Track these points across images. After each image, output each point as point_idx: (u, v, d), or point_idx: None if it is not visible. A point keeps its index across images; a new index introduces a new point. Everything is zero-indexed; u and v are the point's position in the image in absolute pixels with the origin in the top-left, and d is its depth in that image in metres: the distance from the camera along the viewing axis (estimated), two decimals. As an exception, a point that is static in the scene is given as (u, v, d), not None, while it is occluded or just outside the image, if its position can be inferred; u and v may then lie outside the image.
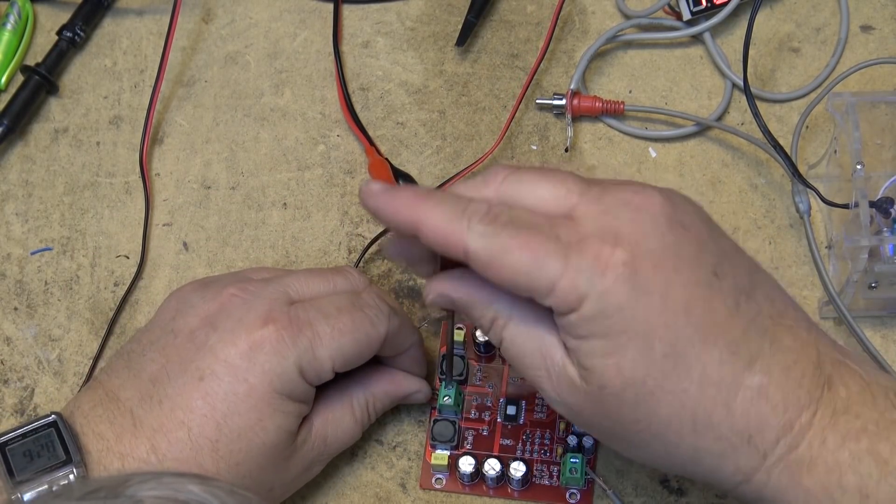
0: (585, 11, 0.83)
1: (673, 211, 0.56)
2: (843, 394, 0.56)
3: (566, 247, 0.54)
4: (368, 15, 0.83)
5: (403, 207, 0.56)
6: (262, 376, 0.61)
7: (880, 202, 0.69)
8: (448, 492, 0.68)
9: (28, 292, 0.75)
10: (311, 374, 0.62)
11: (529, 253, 0.54)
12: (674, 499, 0.68)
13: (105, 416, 0.61)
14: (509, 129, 0.79)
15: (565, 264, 0.54)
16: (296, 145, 0.79)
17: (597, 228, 0.55)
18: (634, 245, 0.54)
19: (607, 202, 0.56)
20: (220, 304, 0.63)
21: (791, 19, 0.82)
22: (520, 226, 0.55)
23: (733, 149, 0.78)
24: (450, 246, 0.55)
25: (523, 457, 0.68)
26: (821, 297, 0.73)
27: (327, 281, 0.66)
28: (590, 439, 0.66)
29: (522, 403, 0.69)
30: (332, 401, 0.65)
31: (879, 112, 0.73)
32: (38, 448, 0.60)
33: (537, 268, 0.54)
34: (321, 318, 0.63)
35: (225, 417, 0.61)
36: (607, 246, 0.54)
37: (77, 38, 0.82)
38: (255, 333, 0.61)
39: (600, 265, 0.54)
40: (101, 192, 0.78)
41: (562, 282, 0.54)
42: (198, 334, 0.62)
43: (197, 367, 0.61)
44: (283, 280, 0.65)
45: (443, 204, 0.56)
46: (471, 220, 0.55)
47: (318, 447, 0.65)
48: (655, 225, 0.55)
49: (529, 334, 0.57)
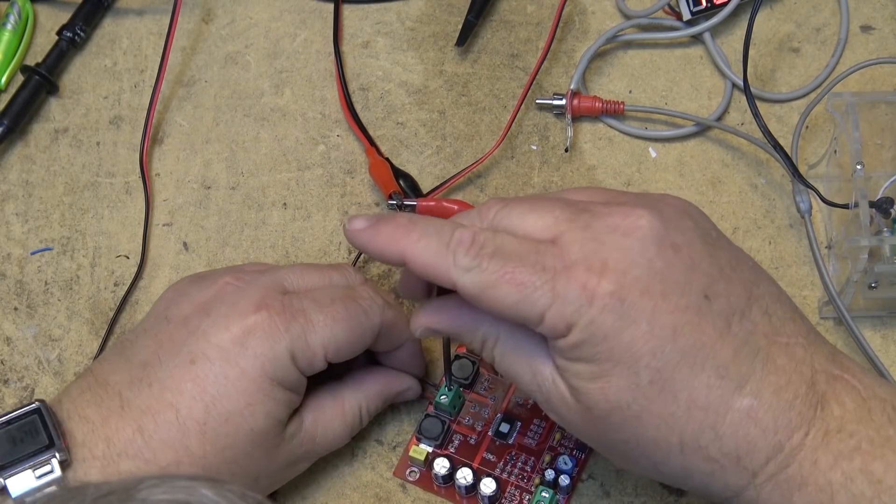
0: (585, 11, 0.83)
1: (664, 232, 0.56)
2: (838, 412, 0.56)
3: (553, 276, 0.55)
4: (368, 15, 0.83)
5: (389, 242, 0.58)
6: (253, 360, 0.61)
7: (880, 202, 0.69)
8: (420, 487, 0.68)
9: (28, 292, 0.75)
10: (303, 361, 0.62)
11: (516, 287, 0.55)
12: (674, 499, 0.68)
13: (92, 400, 0.62)
14: (510, 129, 0.79)
15: (553, 296, 0.55)
16: (296, 145, 0.79)
17: (583, 256, 0.55)
18: (621, 274, 0.55)
19: (595, 228, 0.56)
20: (215, 292, 0.63)
21: (791, 19, 0.82)
22: (505, 257, 0.56)
23: (733, 149, 0.78)
24: (438, 279, 0.57)
25: (500, 476, 0.68)
26: (821, 297, 0.73)
27: (323, 274, 0.66)
28: (566, 478, 0.67)
29: (517, 424, 0.69)
30: (323, 402, 0.66)
31: (879, 112, 0.73)
32: (21, 434, 0.60)
33: (526, 301, 0.55)
34: (315, 307, 0.63)
35: (214, 400, 0.61)
36: (594, 276, 0.54)
37: (77, 38, 0.82)
38: (248, 318, 0.61)
39: (587, 295, 0.54)
40: (101, 192, 0.78)
41: (550, 312, 0.55)
42: (191, 320, 0.62)
43: (189, 350, 0.61)
44: (278, 271, 0.65)
45: (427, 237, 0.57)
46: (456, 254, 0.56)
47: (306, 444, 0.65)
48: (644, 251, 0.55)
49: (518, 352, 0.58)
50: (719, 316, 0.55)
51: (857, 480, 0.55)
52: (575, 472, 0.67)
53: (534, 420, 0.69)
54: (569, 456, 0.68)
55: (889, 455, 0.55)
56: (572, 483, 0.67)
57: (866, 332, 0.72)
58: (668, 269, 0.55)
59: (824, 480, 0.55)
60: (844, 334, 0.72)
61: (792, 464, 0.55)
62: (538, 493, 0.67)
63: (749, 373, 0.55)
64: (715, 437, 0.55)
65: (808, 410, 0.56)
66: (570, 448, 0.68)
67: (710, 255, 0.57)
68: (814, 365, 0.57)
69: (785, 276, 0.74)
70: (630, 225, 0.56)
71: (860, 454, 0.55)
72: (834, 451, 0.55)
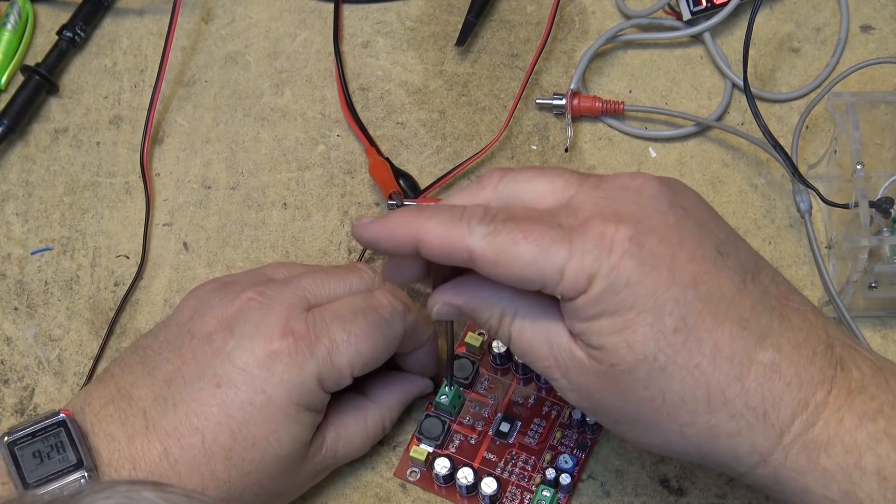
0: (585, 11, 0.83)
1: (672, 195, 0.57)
2: (857, 375, 0.56)
3: (569, 231, 0.54)
4: (368, 15, 0.83)
5: (400, 226, 0.57)
6: (279, 387, 0.61)
7: (880, 202, 0.69)
8: (420, 487, 0.68)
9: (28, 292, 0.75)
10: (329, 382, 0.62)
11: (534, 243, 0.54)
12: (674, 499, 0.68)
13: (116, 416, 0.61)
14: (509, 129, 0.79)
15: (571, 248, 0.54)
16: (296, 145, 0.79)
17: (597, 211, 0.55)
18: (637, 222, 0.54)
19: (605, 188, 0.56)
20: (238, 308, 0.63)
21: (791, 19, 0.82)
22: (520, 220, 0.55)
23: (733, 149, 0.78)
24: (454, 251, 0.56)
25: (501, 475, 0.68)
26: (821, 297, 0.73)
27: (343, 282, 0.66)
28: (567, 477, 0.66)
29: (518, 424, 0.69)
30: (346, 416, 0.66)
31: (879, 112, 0.73)
32: (47, 449, 0.59)
33: (544, 256, 0.54)
34: (338, 324, 0.63)
35: (241, 427, 0.60)
36: (611, 224, 0.54)
37: (77, 38, 0.82)
38: (274, 343, 0.61)
39: (606, 243, 0.54)
40: (101, 192, 0.78)
41: (570, 265, 0.54)
42: (215, 338, 0.62)
43: (214, 373, 0.61)
44: (300, 283, 0.64)
45: (439, 214, 0.56)
46: (470, 223, 0.55)
47: (327, 459, 0.65)
48: (657, 204, 0.56)
49: (535, 326, 0.57)
50: (735, 271, 0.56)
51: (882, 442, 0.54)
52: (576, 470, 0.67)
53: (534, 419, 0.69)
54: (569, 455, 0.68)
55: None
56: (573, 482, 0.67)
57: (866, 332, 0.72)
58: (680, 223, 0.55)
59: (851, 440, 0.54)
60: (844, 334, 0.72)
61: (818, 422, 0.55)
62: (539, 493, 0.67)
63: (768, 327, 0.55)
64: (742, 390, 0.54)
65: (829, 368, 0.55)
66: (570, 447, 0.68)
67: (715, 220, 0.58)
68: (828, 331, 0.57)
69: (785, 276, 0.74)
70: (640, 185, 0.56)
71: (883, 416, 0.55)
72: (858, 411, 0.55)
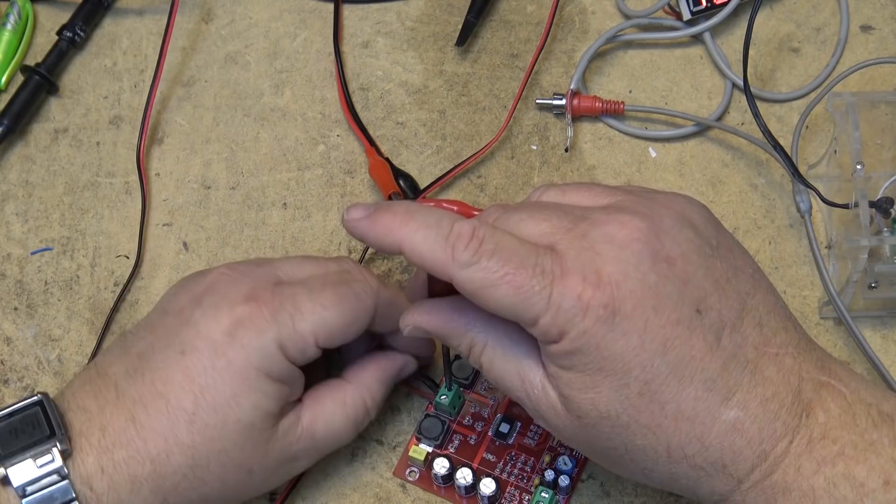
0: (585, 11, 0.83)
1: (659, 245, 0.57)
2: (822, 419, 0.57)
3: (551, 282, 0.56)
4: (368, 15, 0.83)
5: (386, 234, 0.58)
6: (240, 351, 0.61)
7: (880, 202, 0.69)
8: (420, 487, 0.68)
9: (28, 292, 0.75)
10: (292, 350, 0.62)
11: (514, 290, 0.56)
12: (674, 499, 0.68)
13: (91, 391, 0.62)
14: (509, 129, 0.79)
15: (548, 303, 0.55)
16: (296, 145, 0.79)
17: (580, 265, 0.56)
18: (615, 286, 0.55)
19: (592, 238, 0.57)
20: (209, 283, 0.64)
21: (791, 19, 0.82)
22: (505, 256, 0.56)
23: (733, 149, 0.78)
24: (436, 272, 0.57)
25: (500, 476, 0.68)
26: (821, 297, 0.73)
27: (319, 265, 0.66)
28: (566, 479, 0.67)
29: (517, 425, 0.69)
30: (323, 397, 0.65)
31: (879, 112, 0.73)
32: (23, 426, 0.61)
33: (521, 304, 0.56)
34: (304, 293, 0.63)
35: (202, 390, 0.61)
36: (589, 287, 0.55)
37: (77, 38, 0.82)
38: (237, 309, 0.62)
39: (581, 305, 0.55)
40: (101, 192, 0.78)
41: (544, 318, 0.56)
42: (185, 311, 0.63)
43: (180, 341, 0.62)
44: (274, 263, 0.65)
45: (426, 228, 0.57)
46: (455, 248, 0.57)
47: (304, 441, 0.64)
48: (639, 264, 0.56)
49: (507, 357, 0.59)
50: (710, 329, 0.57)
51: (839, 485, 0.56)
52: (574, 472, 0.67)
53: (533, 423, 0.69)
54: (568, 456, 0.68)
55: (872, 459, 0.56)
56: (572, 483, 0.67)
57: (866, 332, 0.72)
58: (661, 283, 0.56)
59: (807, 486, 0.56)
60: (844, 334, 0.72)
61: (776, 471, 0.56)
62: (538, 494, 0.67)
63: (737, 385, 0.57)
64: (701, 448, 0.56)
65: (792, 420, 0.57)
66: (569, 448, 0.68)
67: (705, 268, 0.58)
68: (801, 374, 0.58)
69: (785, 276, 0.74)
70: (626, 237, 0.56)
71: (843, 459, 0.56)
72: (817, 457, 0.56)
